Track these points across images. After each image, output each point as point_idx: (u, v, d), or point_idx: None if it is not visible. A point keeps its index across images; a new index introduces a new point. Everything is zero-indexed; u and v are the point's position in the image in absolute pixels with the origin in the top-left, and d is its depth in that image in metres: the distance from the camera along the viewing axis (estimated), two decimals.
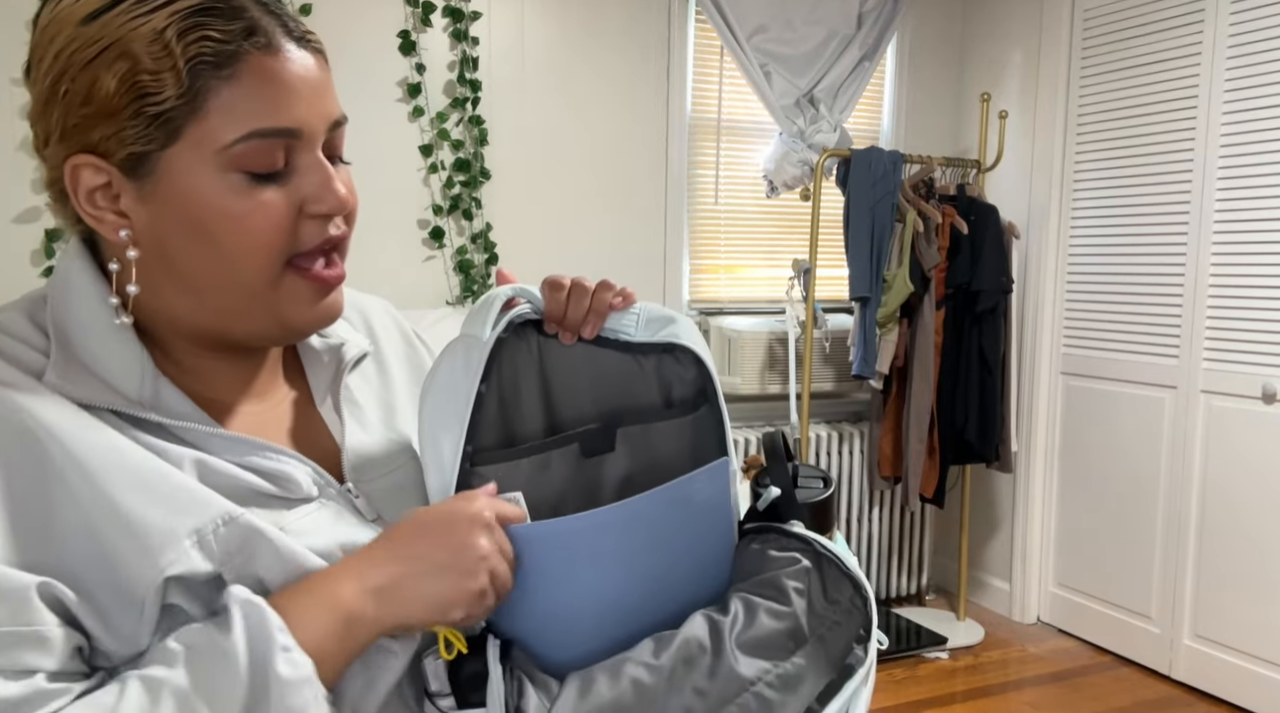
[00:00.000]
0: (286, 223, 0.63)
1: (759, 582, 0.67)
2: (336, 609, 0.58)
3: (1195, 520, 2.96)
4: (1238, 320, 2.82)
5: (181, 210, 0.61)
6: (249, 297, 0.64)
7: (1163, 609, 3.06)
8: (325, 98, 0.65)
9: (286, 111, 0.62)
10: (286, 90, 0.62)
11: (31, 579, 0.54)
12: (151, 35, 0.59)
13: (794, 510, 0.73)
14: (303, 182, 0.63)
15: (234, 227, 0.61)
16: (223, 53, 0.60)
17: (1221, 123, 2.85)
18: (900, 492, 3.51)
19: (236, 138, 0.60)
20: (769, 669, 0.62)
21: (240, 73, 0.60)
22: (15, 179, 2.51)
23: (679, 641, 0.63)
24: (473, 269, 3.00)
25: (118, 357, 0.63)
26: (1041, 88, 3.38)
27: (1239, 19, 2.79)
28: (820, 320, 3.28)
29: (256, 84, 0.61)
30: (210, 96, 0.60)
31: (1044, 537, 3.48)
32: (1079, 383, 3.34)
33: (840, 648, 0.64)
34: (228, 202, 0.61)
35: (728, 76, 3.39)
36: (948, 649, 3.23)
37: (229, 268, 0.62)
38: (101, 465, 0.57)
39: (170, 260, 0.63)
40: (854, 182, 3.11)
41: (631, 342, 0.74)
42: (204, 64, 0.59)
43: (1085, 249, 3.30)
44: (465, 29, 2.94)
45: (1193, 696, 2.94)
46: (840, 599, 0.66)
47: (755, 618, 0.64)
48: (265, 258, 0.62)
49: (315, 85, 0.64)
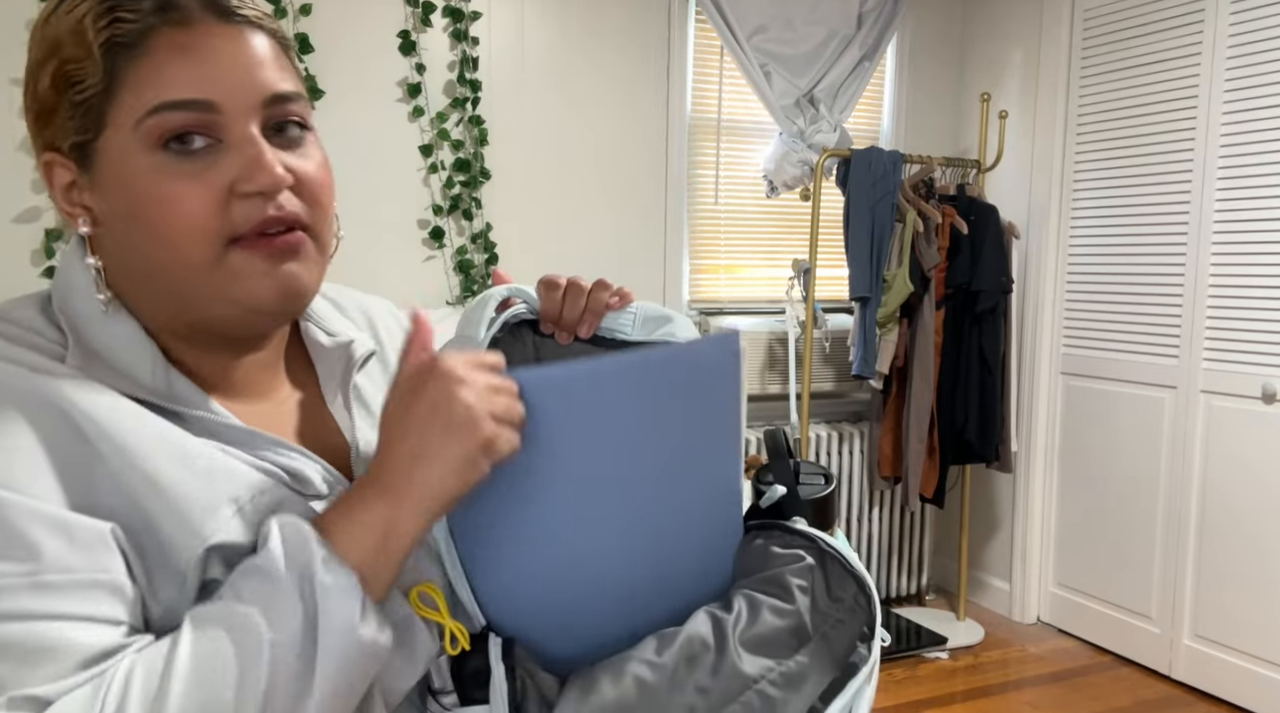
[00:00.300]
0: (214, 203, 0.60)
1: (763, 579, 0.67)
2: (369, 521, 0.58)
3: (1195, 520, 2.96)
4: (1238, 320, 2.82)
5: (119, 197, 0.61)
6: (197, 280, 0.62)
7: (1163, 609, 3.06)
8: (255, 70, 0.62)
9: (198, 84, 0.60)
10: (197, 62, 0.60)
11: (105, 524, 0.55)
12: (73, 25, 0.60)
13: (797, 507, 0.73)
14: (231, 159, 0.61)
15: (162, 209, 0.60)
16: (132, 31, 0.59)
17: (1221, 123, 2.85)
18: (900, 492, 3.51)
19: (147, 112, 0.59)
20: (772, 667, 0.61)
21: (150, 49, 0.59)
22: (15, 179, 2.51)
23: (682, 638, 0.62)
24: (473, 269, 3.00)
25: (126, 348, 0.63)
26: (1041, 88, 3.38)
27: (1239, 19, 2.79)
28: (820, 320, 3.28)
29: (165, 58, 0.59)
30: (123, 77, 0.59)
31: (1044, 537, 3.48)
32: (1079, 383, 3.34)
33: (844, 646, 0.63)
34: (153, 184, 0.60)
35: (728, 76, 3.39)
36: (948, 649, 3.23)
37: (168, 251, 0.61)
38: (136, 441, 0.58)
39: (125, 250, 0.63)
40: (854, 182, 3.11)
41: (628, 341, 0.73)
42: (116, 45, 0.59)
43: (1085, 249, 3.30)
44: (465, 29, 2.94)
45: (1192, 695, 2.94)
46: (844, 597, 0.66)
47: (759, 616, 0.64)
48: (199, 240, 0.61)
49: (237, 57, 0.61)
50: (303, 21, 2.74)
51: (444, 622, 0.62)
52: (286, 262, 0.64)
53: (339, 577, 0.55)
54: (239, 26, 0.62)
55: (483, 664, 0.62)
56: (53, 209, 2.52)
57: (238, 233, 0.62)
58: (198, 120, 0.60)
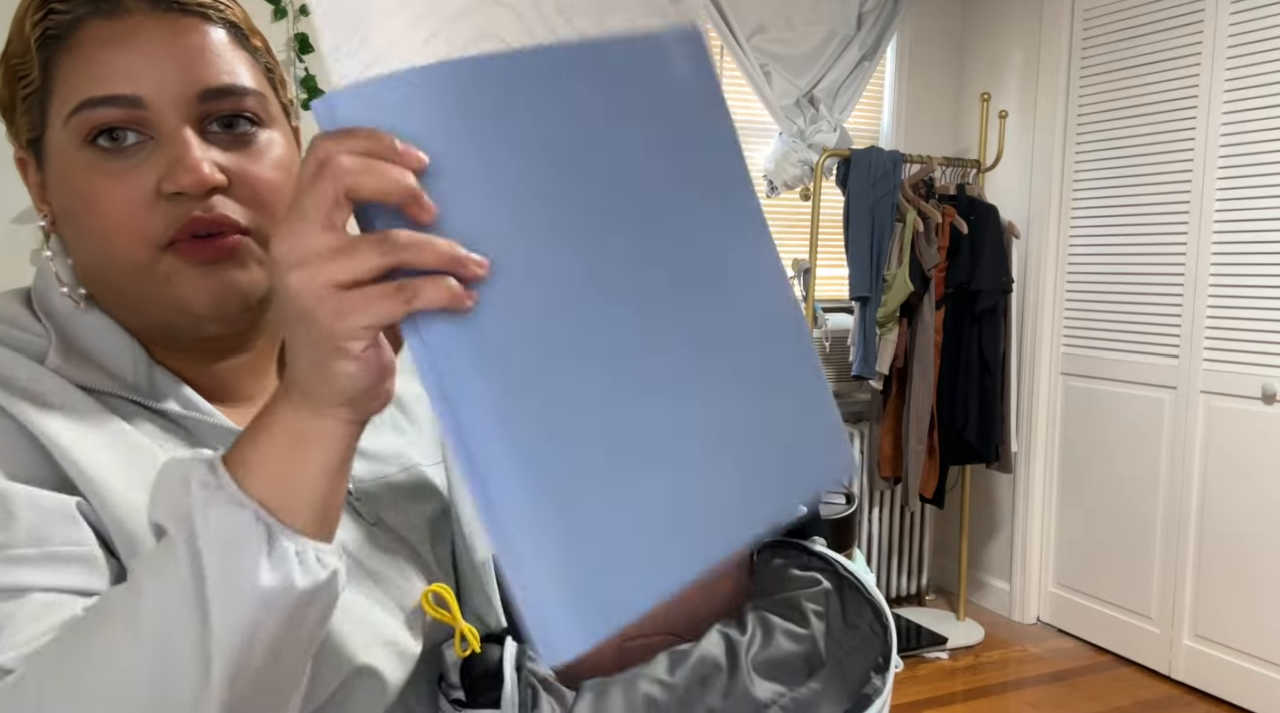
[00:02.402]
0: (140, 203, 0.57)
1: (778, 601, 0.66)
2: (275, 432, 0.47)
3: (1195, 520, 2.96)
4: (1238, 320, 2.82)
5: (60, 195, 0.60)
6: (133, 282, 0.59)
7: (1162, 609, 3.06)
8: (190, 63, 0.58)
9: (122, 79, 0.57)
10: (123, 55, 0.57)
11: (70, 499, 0.53)
12: (17, 19, 0.59)
13: (816, 527, 0.72)
14: (160, 158, 0.57)
15: (89, 208, 0.58)
16: (63, 24, 0.57)
17: (1221, 122, 2.85)
18: (900, 492, 3.51)
19: (72, 108, 0.57)
20: (784, 693, 0.61)
21: (79, 42, 0.57)
22: (15, 179, 2.50)
23: (694, 658, 0.62)
24: None
25: (108, 343, 0.61)
26: (1041, 88, 3.37)
27: (1239, 19, 2.79)
28: (820, 320, 3.28)
29: (90, 51, 0.57)
30: (56, 71, 0.58)
31: (1044, 537, 3.48)
32: (1079, 383, 3.34)
33: (858, 675, 0.62)
34: (84, 182, 0.58)
35: (727, 76, 3.39)
36: (947, 649, 3.23)
37: (104, 252, 0.59)
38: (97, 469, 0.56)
39: (75, 250, 0.61)
40: (854, 182, 3.11)
41: None
42: (49, 39, 0.58)
43: (1085, 249, 3.30)
44: None
45: (1192, 695, 2.94)
46: (860, 624, 0.65)
47: (772, 639, 0.63)
48: (129, 241, 0.58)
49: (171, 48, 0.58)
50: (303, 21, 2.73)
51: (456, 623, 0.61)
52: (221, 266, 0.59)
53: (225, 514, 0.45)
54: (177, 16, 0.58)
55: (492, 667, 0.61)
56: None
57: (168, 235, 0.58)
58: (125, 117, 0.57)
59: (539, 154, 0.44)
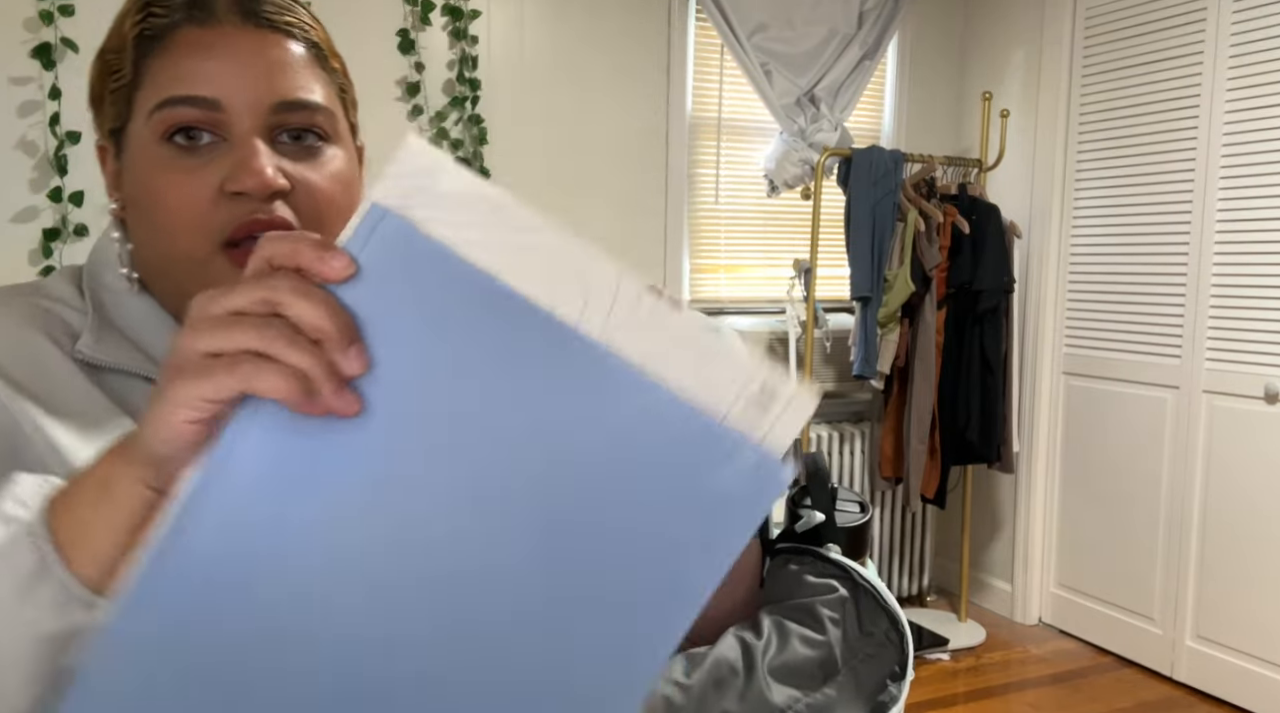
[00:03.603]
0: (205, 199, 0.61)
1: (794, 606, 0.66)
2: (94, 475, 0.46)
3: (1197, 521, 2.95)
4: (1240, 320, 2.81)
5: (132, 184, 0.64)
6: (188, 275, 0.62)
7: (1165, 610, 3.05)
8: (270, 78, 0.62)
9: (205, 82, 0.61)
10: (209, 60, 0.61)
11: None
12: (118, 20, 0.64)
13: (832, 534, 0.72)
14: (229, 158, 0.61)
15: (157, 199, 0.62)
16: (160, 26, 0.62)
17: (1223, 122, 2.84)
18: (901, 492, 3.50)
19: (154, 105, 0.61)
20: (799, 698, 0.61)
21: (170, 44, 0.62)
22: (15, 179, 2.50)
23: (710, 661, 0.62)
24: None
25: (145, 324, 0.65)
26: (1043, 87, 3.37)
27: (1240, 18, 2.78)
28: (821, 320, 3.27)
29: (180, 54, 0.61)
30: (146, 69, 0.62)
31: (1045, 538, 3.47)
32: (1081, 383, 3.33)
33: (873, 683, 0.62)
34: (156, 174, 0.61)
35: (728, 76, 3.38)
36: (949, 650, 3.22)
37: (164, 242, 0.62)
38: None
39: (138, 237, 0.65)
40: (855, 181, 3.10)
41: None
42: (145, 38, 0.62)
43: (1087, 249, 3.29)
44: (464, 28, 2.93)
45: (1194, 697, 2.93)
46: (875, 632, 0.65)
47: (788, 644, 0.63)
48: (189, 235, 0.61)
49: (254, 59, 0.62)
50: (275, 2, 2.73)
51: None
52: None
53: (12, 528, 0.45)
54: (265, 30, 0.63)
55: None
56: (51, 209, 2.52)
57: (226, 232, 0.61)
58: (203, 117, 0.61)
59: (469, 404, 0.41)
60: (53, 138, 2.48)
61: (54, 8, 2.45)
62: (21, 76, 2.47)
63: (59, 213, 2.51)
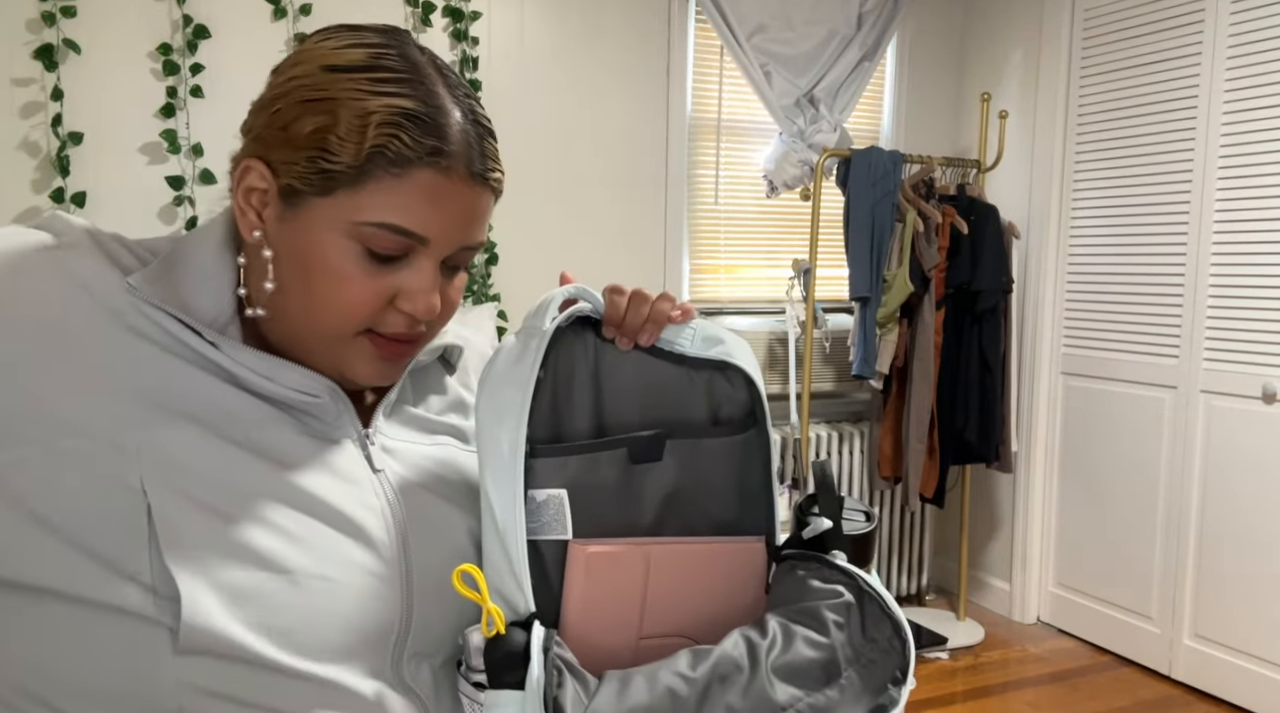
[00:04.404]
0: (375, 303, 0.68)
1: (798, 609, 0.67)
2: None
3: (1195, 521, 2.96)
4: (1238, 320, 2.82)
5: (301, 247, 0.68)
6: (319, 340, 0.69)
7: (1163, 609, 3.06)
8: (471, 225, 0.70)
9: (427, 223, 0.67)
10: (436, 208, 0.67)
11: None
12: (360, 110, 0.66)
13: (838, 542, 0.73)
14: (408, 278, 0.69)
15: (331, 285, 0.67)
16: (403, 155, 0.66)
17: (1222, 122, 2.85)
18: (900, 492, 3.51)
19: (373, 222, 0.66)
20: (801, 697, 0.62)
21: (407, 176, 0.66)
22: (17, 180, 2.51)
23: (715, 657, 0.63)
24: (473, 269, 3.00)
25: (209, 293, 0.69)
26: (1042, 87, 3.38)
27: (1239, 19, 2.79)
28: (820, 320, 3.28)
29: (414, 191, 0.66)
30: (372, 180, 0.66)
31: (1044, 537, 3.48)
32: (1079, 383, 3.34)
33: (874, 687, 0.63)
34: (337, 262, 0.67)
35: (728, 76, 3.39)
36: (948, 649, 3.23)
37: (313, 312, 0.68)
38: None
39: (278, 282, 0.70)
40: (854, 181, 3.11)
41: (686, 355, 0.75)
42: (384, 154, 0.65)
43: (1085, 249, 3.30)
44: (465, 29, 2.94)
45: (1192, 696, 2.94)
46: (879, 638, 0.66)
47: (792, 644, 0.64)
48: (344, 321, 0.68)
49: (466, 214, 0.69)
50: (303, 21, 2.73)
51: (484, 604, 0.63)
52: (396, 361, 0.72)
53: None
54: (480, 188, 0.69)
55: (515, 648, 0.62)
56: (51, 209, 2.52)
57: (377, 330, 0.70)
58: (408, 247, 0.68)
59: None
60: (55, 139, 2.49)
61: (56, 9, 2.45)
62: (24, 77, 2.47)
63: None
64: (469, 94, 0.71)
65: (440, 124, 0.67)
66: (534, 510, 0.68)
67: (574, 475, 0.70)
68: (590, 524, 0.70)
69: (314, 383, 0.69)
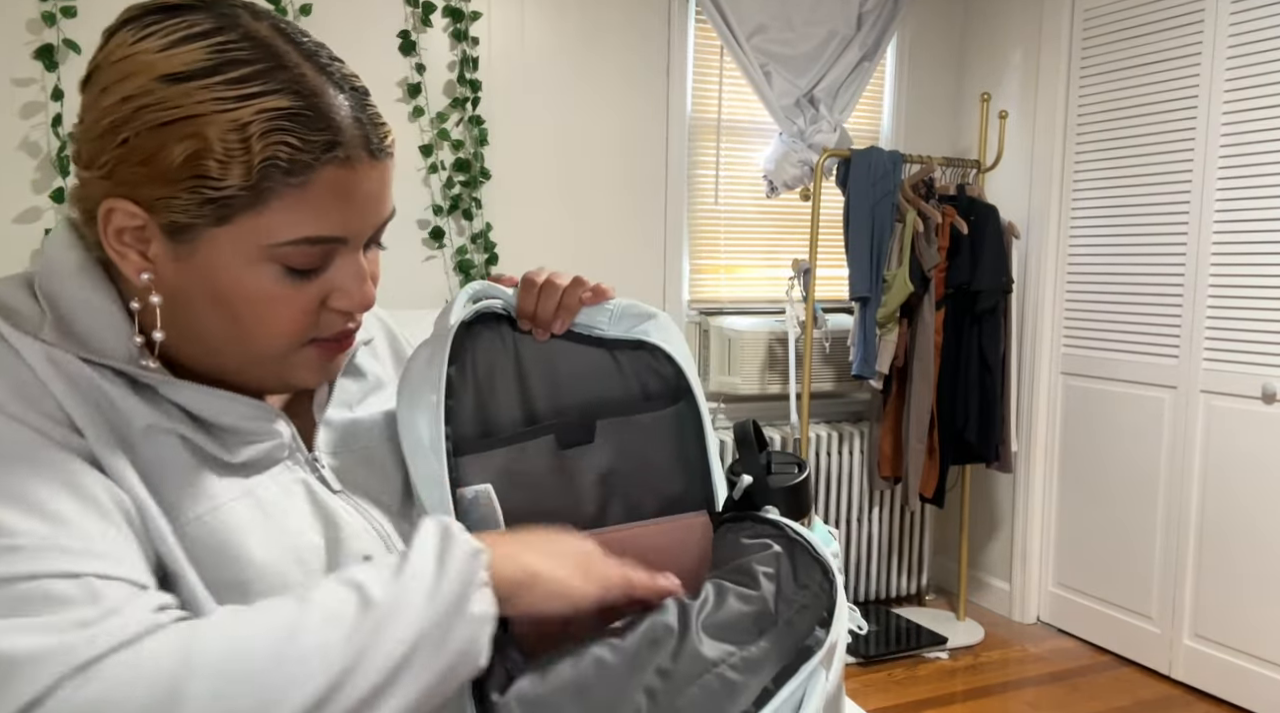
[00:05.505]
0: (310, 315, 0.65)
1: (732, 569, 0.67)
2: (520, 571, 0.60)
3: (1195, 520, 2.96)
4: (1238, 320, 2.82)
5: (211, 283, 0.62)
6: (257, 362, 0.66)
7: (1163, 609, 3.06)
8: (382, 203, 0.66)
9: (344, 222, 0.63)
10: (348, 204, 0.62)
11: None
12: (231, 125, 0.58)
13: (767, 496, 0.73)
14: (336, 277, 0.65)
15: (258, 311, 0.62)
16: (298, 161, 0.59)
17: (1221, 122, 2.85)
18: (900, 492, 3.51)
19: (286, 241, 0.61)
20: (733, 652, 0.61)
21: (310, 182, 0.60)
22: (15, 179, 2.51)
23: (646, 623, 0.63)
24: (473, 269, 3.00)
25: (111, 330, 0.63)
26: (1041, 88, 3.38)
27: (1239, 19, 2.79)
28: (820, 320, 3.28)
29: (322, 196, 0.61)
30: (274, 197, 0.60)
31: (1044, 537, 3.48)
32: (1079, 383, 3.34)
33: (804, 631, 0.63)
34: (258, 288, 0.62)
35: (728, 76, 3.39)
36: (947, 649, 3.23)
37: (244, 343, 0.64)
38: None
39: (188, 316, 0.64)
40: (854, 182, 3.11)
41: (604, 338, 0.76)
42: (277, 167, 0.59)
43: (1085, 249, 3.30)
44: (465, 29, 2.94)
45: (1192, 695, 2.94)
46: (810, 584, 0.65)
47: (724, 602, 0.64)
48: (283, 341, 0.65)
49: (376, 195, 0.65)
50: (303, 21, 2.74)
51: None
52: (337, 357, 0.70)
53: (485, 606, 0.57)
54: (380, 161, 0.64)
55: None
56: (53, 210, 2.53)
57: (317, 337, 0.67)
58: (329, 253, 0.64)
59: None
60: (55, 139, 2.49)
61: (56, 9, 2.46)
62: (24, 78, 2.48)
63: (61, 214, 2.52)
64: (329, 55, 0.63)
65: (324, 112, 0.60)
66: (465, 509, 0.68)
67: (502, 468, 0.70)
68: (528, 516, 0.70)
69: (260, 413, 0.67)
